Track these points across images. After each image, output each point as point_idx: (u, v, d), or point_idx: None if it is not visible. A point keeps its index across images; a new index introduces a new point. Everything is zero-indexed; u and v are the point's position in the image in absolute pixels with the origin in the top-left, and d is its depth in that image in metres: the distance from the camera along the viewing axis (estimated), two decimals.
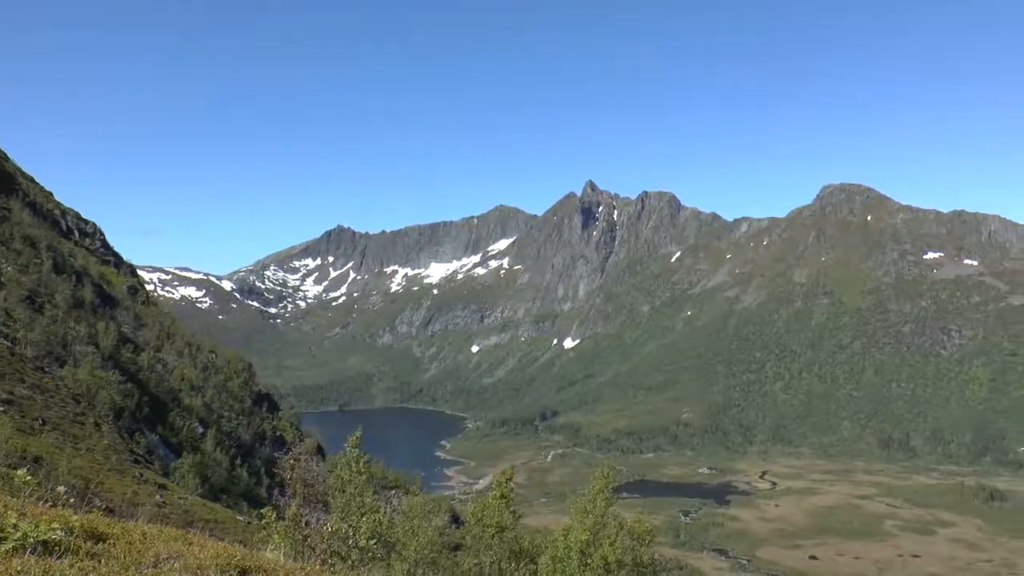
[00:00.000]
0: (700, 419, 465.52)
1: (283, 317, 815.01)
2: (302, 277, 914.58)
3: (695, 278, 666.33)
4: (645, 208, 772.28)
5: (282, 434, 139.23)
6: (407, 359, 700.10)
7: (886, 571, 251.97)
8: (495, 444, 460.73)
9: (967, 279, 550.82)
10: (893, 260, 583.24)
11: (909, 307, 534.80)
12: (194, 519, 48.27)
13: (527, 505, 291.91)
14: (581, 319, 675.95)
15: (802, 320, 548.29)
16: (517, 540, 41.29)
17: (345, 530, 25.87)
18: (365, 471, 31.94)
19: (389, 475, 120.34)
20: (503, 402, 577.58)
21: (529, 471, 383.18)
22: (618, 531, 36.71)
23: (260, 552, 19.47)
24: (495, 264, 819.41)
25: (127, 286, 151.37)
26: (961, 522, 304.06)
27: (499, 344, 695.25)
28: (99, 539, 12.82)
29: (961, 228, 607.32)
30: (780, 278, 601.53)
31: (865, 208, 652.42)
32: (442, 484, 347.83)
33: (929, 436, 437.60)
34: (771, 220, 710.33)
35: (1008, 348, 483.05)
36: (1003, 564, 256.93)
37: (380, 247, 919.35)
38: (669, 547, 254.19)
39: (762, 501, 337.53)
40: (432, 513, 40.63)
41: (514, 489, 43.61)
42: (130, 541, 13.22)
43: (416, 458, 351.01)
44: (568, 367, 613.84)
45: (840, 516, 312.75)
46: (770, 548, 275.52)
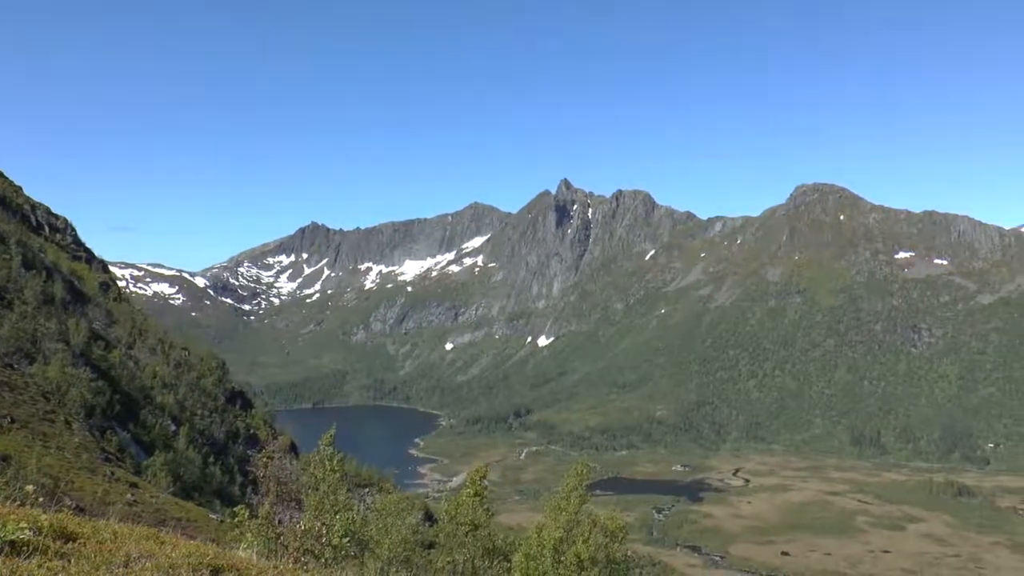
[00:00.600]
0: (674, 417, 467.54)
1: (257, 314, 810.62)
2: (276, 274, 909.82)
3: (669, 276, 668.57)
4: (620, 206, 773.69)
5: (255, 432, 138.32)
6: (381, 357, 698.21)
7: (857, 567, 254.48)
8: (469, 442, 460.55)
9: (937, 278, 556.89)
10: (865, 259, 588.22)
11: (881, 306, 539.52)
12: (166, 518, 47.95)
13: (501, 503, 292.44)
14: (555, 317, 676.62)
15: (775, 318, 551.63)
16: (491, 538, 41.28)
17: (318, 528, 25.74)
18: (338, 469, 31.79)
19: (362, 473, 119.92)
20: (477, 400, 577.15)
21: (503, 469, 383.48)
22: (591, 528, 36.78)
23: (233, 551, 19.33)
24: (469, 262, 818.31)
25: (99, 282, 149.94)
26: (930, 518, 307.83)
27: (473, 342, 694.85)
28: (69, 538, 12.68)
29: (931, 228, 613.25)
30: (754, 277, 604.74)
31: (838, 208, 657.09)
32: (416, 482, 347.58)
33: (899, 433, 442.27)
34: (745, 219, 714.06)
35: (976, 347, 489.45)
36: (970, 559, 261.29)
37: (354, 244, 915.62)
38: (642, 544, 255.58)
39: (735, 498, 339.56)
40: (405, 511, 40.52)
41: (488, 487, 43.59)
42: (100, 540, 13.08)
43: (390, 456, 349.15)
44: (542, 365, 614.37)
45: (812, 512, 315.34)
46: (743, 544, 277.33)
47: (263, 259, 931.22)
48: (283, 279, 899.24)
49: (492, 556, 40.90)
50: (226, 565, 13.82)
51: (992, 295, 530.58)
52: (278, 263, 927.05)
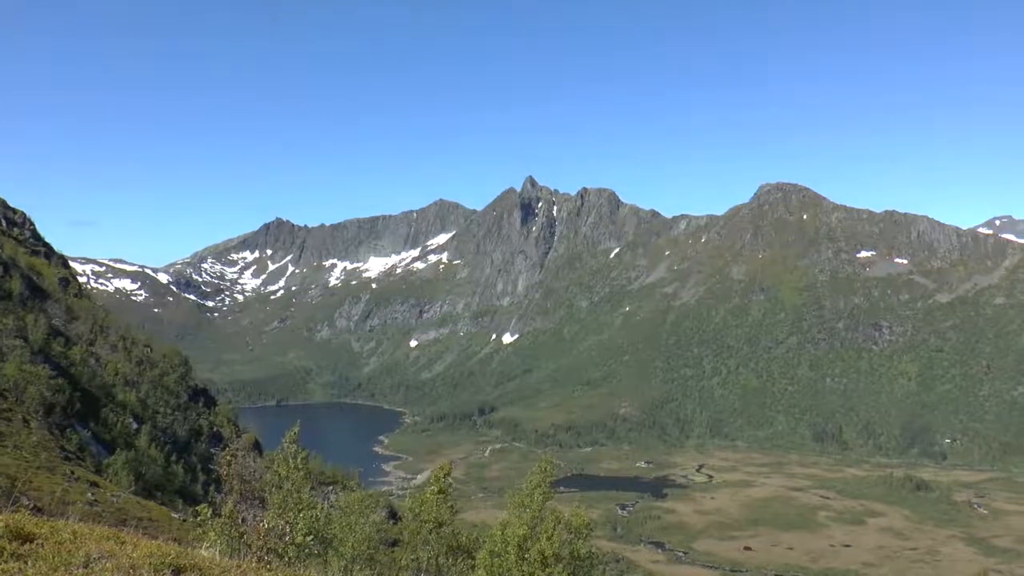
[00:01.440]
0: (638, 413, 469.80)
1: (220, 311, 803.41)
2: (240, 270, 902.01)
3: (634, 274, 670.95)
4: (584, 204, 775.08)
5: (219, 430, 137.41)
6: (345, 354, 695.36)
7: (818, 561, 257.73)
8: (433, 439, 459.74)
9: (897, 277, 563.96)
10: (828, 258, 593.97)
11: (843, 304, 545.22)
12: (127, 517, 47.44)
13: (465, 500, 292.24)
14: (520, 314, 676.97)
15: (739, 316, 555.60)
16: (455, 535, 41.28)
17: (282, 527, 25.59)
18: (302, 467, 31.63)
19: (327, 471, 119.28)
20: (441, 397, 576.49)
21: (467, 466, 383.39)
22: (555, 525, 36.81)
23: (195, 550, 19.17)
24: (434, 259, 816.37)
25: (58, 278, 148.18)
26: (890, 512, 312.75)
27: (438, 339, 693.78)
28: (26, 539, 12.48)
29: (892, 228, 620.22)
30: (718, 275, 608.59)
31: (801, 207, 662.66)
32: (380, 479, 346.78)
33: (861, 429, 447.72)
34: (709, 218, 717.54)
35: (935, 344, 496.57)
36: (928, 552, 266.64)
37: (319, 240, 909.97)
38: (606, 540, 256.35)
39: (698, 494, 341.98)
40: (369, 509, 40.42)
41: (452, 484, 43.56)
42: (59, 541, 12.90)
43: (354, 453, 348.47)
44: (507, 362, 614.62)
45: (775, 508, 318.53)
46: (706, 540, 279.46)
47: (227, 255, 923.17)
48: (247, 275, 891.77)
49: (456, 554, 40.90)
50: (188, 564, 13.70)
51: (950, 294, 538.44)
52: (242, 259, 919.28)
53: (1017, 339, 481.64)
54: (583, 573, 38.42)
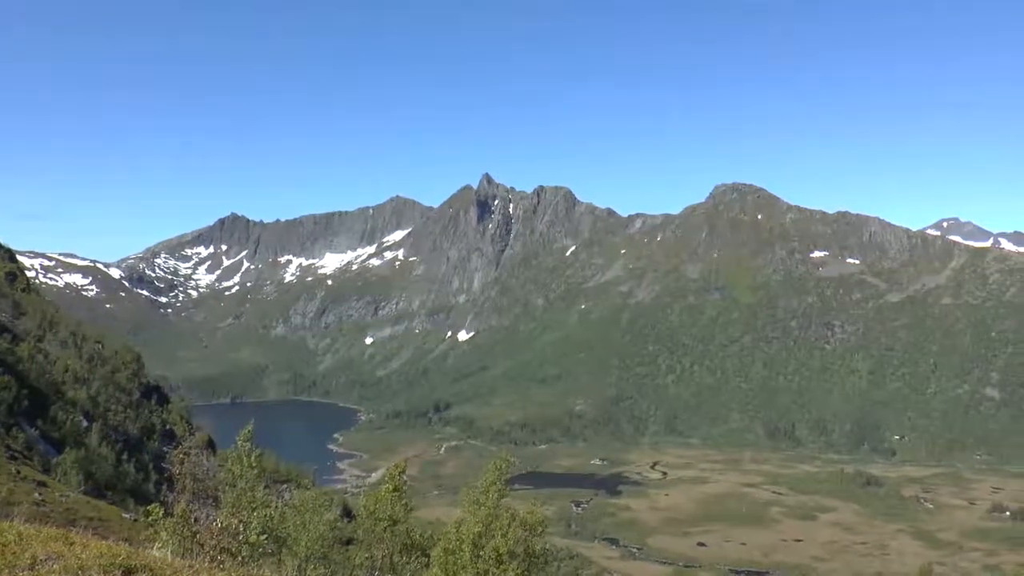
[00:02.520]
0: (593, 411, 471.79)
1: (174, 307, 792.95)
2: (194, 266, 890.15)
3: (589, 272, 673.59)
4: (541, 202, 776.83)
5: (172, 428, 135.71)
6: (301, 350, 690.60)
7: (770, 555, 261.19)
8: (388, 437, 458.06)
9: (849, 277, 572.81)
10: (782, 258, 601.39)
11: (796, 303, 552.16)
12: (76, 517, 46.82)
13: (420, 498, 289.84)
14: (476, 312, 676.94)
15: (694, 315, 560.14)
16: (409, 533, 41.16)
17: (235, 526, 25.37)
18: (256, 465, 31.41)
19: (281, 469, 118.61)
20: (397, 394, 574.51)
21: (422, 463, 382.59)
22: (510, 522, 36.82)
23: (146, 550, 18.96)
24: (390, 255, 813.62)
25: (5, 272, 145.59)
26: (840, 507, 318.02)
27: (393, 336, 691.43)
28: None
29: (845, 229, 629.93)
30: (673, 273, 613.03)
31: (756, 207, 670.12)
32: (335, 477, 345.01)
33: (813, 426, 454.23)
34: (665, 217, 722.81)
35: (885, 343, 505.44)
36: (876, 546, 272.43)
37: (275, 236, 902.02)
38: (561, 537, 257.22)
39: (653, 491, 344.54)
40: (324, 507, 40.18)
41: (407, 482, 43.45)
42: (4, 543, 12.69)
43: (309, 451, 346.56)
44: (462, 359, 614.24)
45: (728, 504, 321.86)
46: (660, 536, 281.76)
47: (181, 250, 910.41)
48: (201, 271, 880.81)
49: (411, 551, 40.78)
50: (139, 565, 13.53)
51: (900, 294, 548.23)
52: (196, 254, 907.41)
53: (963, 338, 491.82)
54: (537, 570, 38.50)
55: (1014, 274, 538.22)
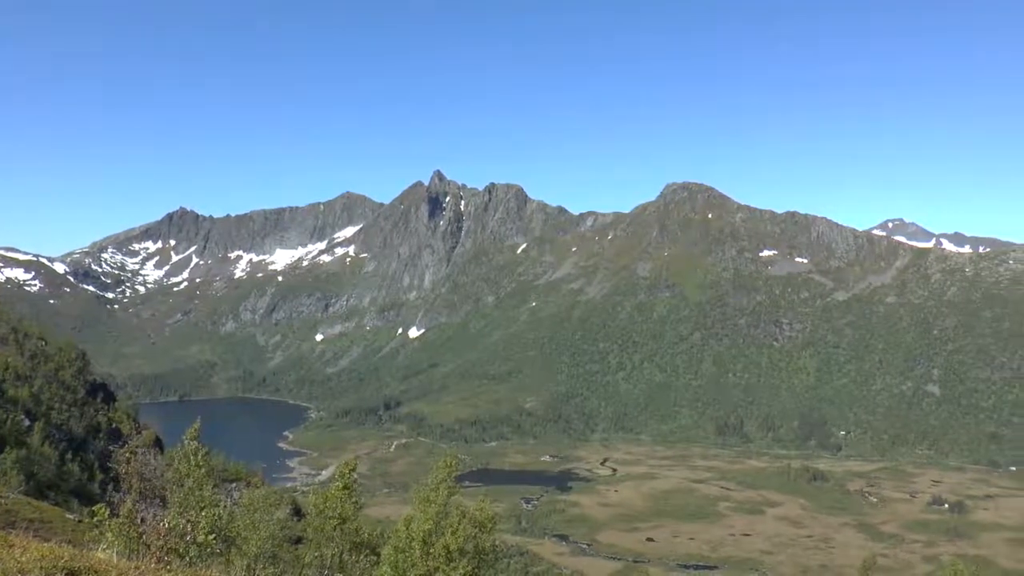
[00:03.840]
0: (543, 408, 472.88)
1: (121, 302, 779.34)
2: (142, 261, 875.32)
3: (540, 270, 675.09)
4: (492, 200, 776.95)
5: (118, 426, 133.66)
6: (250, 347, 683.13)
7: (718, 549, 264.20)
8: (338, 434, 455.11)
9: (797, 276, 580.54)
10: (732, 257, 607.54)
11: (745, 301, 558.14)
12: (16, 519, 46.12)
13: (370, 496, 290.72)
14: (426, 309, 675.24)
15: (644, 312, 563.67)
16: (359, 531, 41.14)
17: (183, 526, 25.19)
18: (204, 464, 31.22)
19: (230, 468, 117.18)
20: (347, 392, 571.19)
21: (372, 461, 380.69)
22: (460, 519, 36.98)
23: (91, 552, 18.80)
24: (341, 252, 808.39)
25: None
26: (787, 502, 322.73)
27: (344, 333, 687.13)
28: None
29: (793, 228, 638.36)
30: (624, 271, 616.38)
31: (706, 207, 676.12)
32: (284, 476, 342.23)
33: (761, 422, 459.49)
34: (616, 215, 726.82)
35: (832, 340, 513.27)
36: (822, 539, 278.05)
37: (224, 231, 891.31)
38: (511, 534, 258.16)
39: (602, 487, 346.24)
40: (273, 506, 40.12)
41: (357, 480, 43.39)
42: None
43: (258, 449, 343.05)
44: (413, 356, 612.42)
45: (677, 499, 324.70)
46: (610, 532, 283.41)
47: (128, 245, 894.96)
48: (149, 266, 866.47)
49: (360, 550, 40.79)
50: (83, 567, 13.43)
51: (847, 292, 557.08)
52: (144, 249, 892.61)
53: (906, 336, 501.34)
54: (487, 567, 38.71)
55: (954, 274, 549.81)
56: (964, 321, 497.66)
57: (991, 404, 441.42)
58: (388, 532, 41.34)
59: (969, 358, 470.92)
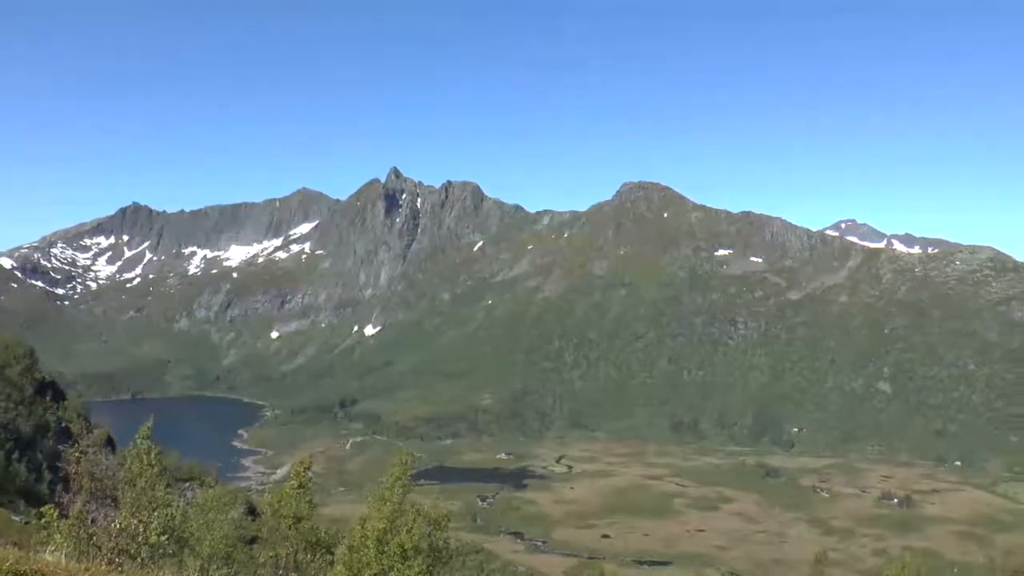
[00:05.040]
0: (499, 406, 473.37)
1: (71, 299, 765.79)
2: (93, 256, 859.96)
3: (496, 268, 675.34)
4: (448, 197, 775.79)
5: (68, 425, 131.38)
6: (205, 345, 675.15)
7: (673, 546, 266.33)
8: (294, 433, 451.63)
9: (752, 275, 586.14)
10: (687, 256, 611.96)
11: (701, 300, 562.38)
12: None
13: (325, 494, 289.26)
14: (382, 306, 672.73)
15: (600, 310, 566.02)
16: (314, 531, 40.89)
17: (135, 526, 24.87)
18: (157, 463, 30.84)
19: (183, 467, 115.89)
20: (302, 390, 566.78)
21: (327, 459, 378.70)
22: (415, 518, 36.90)
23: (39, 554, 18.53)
24: (297, 248, 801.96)
25: None
26: (741, 498, 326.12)
27: (299, 330, 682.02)
28: None
29: (748, 228, 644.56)
30: (580, 270, 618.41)
31: (662, 206, 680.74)
32: (239, 475, 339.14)
33: (716, 419, 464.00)
34: (572, 214, 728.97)
35: (786, 339, 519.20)
36: (775, 534, 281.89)
37: (178, 227, 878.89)
38: (466, 532, 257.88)
39: (558, 484, 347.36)
40: (228, 506, 39.76)
41: (312, 478, 43.19)
42: None
43: (212, 448, 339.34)
44: (369, 354, 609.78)
45: (632, 496, 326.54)
46: (565, 529, 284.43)
47: (79, 240, 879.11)
48: (101, 262, 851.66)
49: (315, 549, 40.53)
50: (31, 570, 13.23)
51: (800, 292, 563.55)
52: (96, 245, 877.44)
53: (858, 335, 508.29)
54: (442, 565, 38.69)
55: (905, 274, 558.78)
56: (914, 320, 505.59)
57: (939, 401, 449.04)
58: (343, 531, 41.15)
59: (918, 356, 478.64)
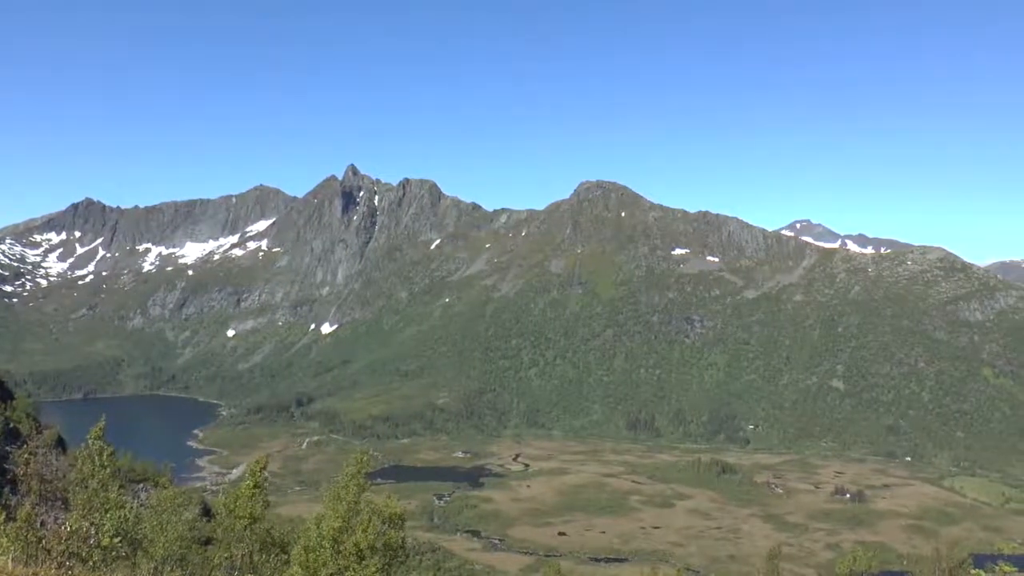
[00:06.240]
0: (456, 404, 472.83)
1: (21, 296, 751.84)
2: (44, 253, 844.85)
3: (454, 266, 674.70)
4: (406, 195, 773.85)
5: (16, 426, 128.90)
6: (159, 343, 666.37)
7: (629, 542, 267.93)
8: (250, 432, 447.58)
9: (709, 274, 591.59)
10: (644, 254, 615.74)
11: (658, 298, 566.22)
12: None
13: (281, 494, 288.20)
14: (339, 304, 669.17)
15: (557, 309, 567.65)
16: (269, 531, 40.71)
17: (86, 529, 24.63)
18: (110, 464, 30.57)
19: (137, 467, 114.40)
20: (259, 388, 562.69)
21: (284, 459, 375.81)
22: (371, 517, 36.87)
23: None
24: (253, 246, 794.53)
25: None
26: (697, 494, 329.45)
27: (256, 328, 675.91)
28: None
29: (705, 228, 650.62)
30: (537, 268, 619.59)
31: (619, 205, 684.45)
32: (194, 475, 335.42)
33: (672, 417, 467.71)
34: (530, 212, 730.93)
35: (742, 337, 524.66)
36: (730, 530, 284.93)
37: (132, 223, 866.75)
38: (423, 531, 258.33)
39: (515, 482, 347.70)
40: (182, 506, 39.48)
41: (268, 478, 42.93)
42: None
43: (167, 448, 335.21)
44: (325, 353, 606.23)
45: (588, 494, 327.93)
46: (522, 527, 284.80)
47: (29, 236, 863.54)
48: (52, 259, 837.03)
49: (270, 549, 40.36)
50: None
51: (756, 291, 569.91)
52: (46, 241, 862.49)
53: (812, 333, 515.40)
54: (398, 564, 38.69)
55: (858, 273, 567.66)
56: (867, 319, 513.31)
57: (890, 398, 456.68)
58: (299, 531, 40.98)
59: (871, 354, 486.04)
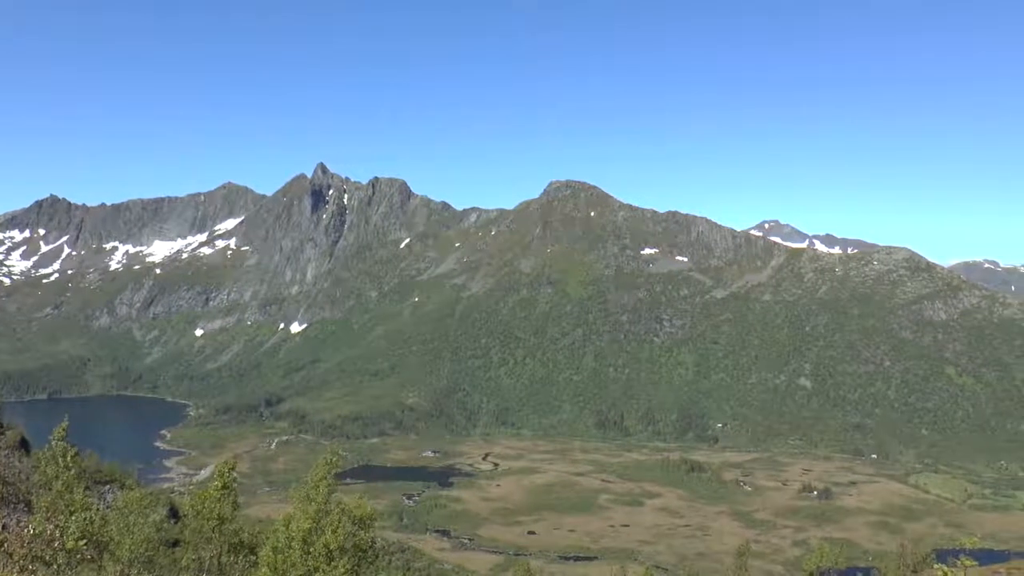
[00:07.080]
0: (425, 404, 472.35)
1: None
2: (7, 251, 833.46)
3: (423, 265, 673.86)
4: (376, 194, 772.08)
5: None
6: (126, 343, 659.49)
7: (599, 541, 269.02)
8: (218, 432, 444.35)
9: (678, 274, 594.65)
10: (614, 254, 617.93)
11: (627, 298, 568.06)
12: None
13: (250, 495, 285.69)
14: (308, 303, 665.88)
15: (527, 308, 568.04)
16: (238, 532, 40.53)
17: (50, 531, 24.34)
18: (74, 465, 30.36)
19: (103, 468, 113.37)
20: (227, 388, 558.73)
21: (252, 459, 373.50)
22: (340, 517, 36.80)
23: None
24: (222, 244, 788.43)
25: None
26: (666, 493, 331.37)
27: (224, 328, 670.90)
28: None
29: (674, 227, 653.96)
30: (507, 267, 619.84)
31: (589, 204, 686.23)
32: (161, 476, 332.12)
33: (641, 416, 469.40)
34: (499, 212, 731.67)
35: (711, 336, 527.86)
36: (699, 528, 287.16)
37: (99, 221, 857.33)
38: (392, 531, 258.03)
39: (484, 482, 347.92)
40: (149, 508, 39.21)
41: (237, 479, 42.74)
42: None
43: (134, 449, 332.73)
44: (294, 352, 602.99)
45: (558, 493, 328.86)
46: (491, 526, 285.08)
47: None
48: (15, 257, 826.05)
49: (239, 551, 40.21)
50: None
51: (725, 290, 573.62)
52: (9, 239, 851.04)
53: (780, 333, 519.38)
54: (368, 564, 38.67)
55: (825, 273, 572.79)
56: (834, 318, 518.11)
57: (857, 396, 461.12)
58: (267, 532, 40.82)
59: (838, 353, 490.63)
